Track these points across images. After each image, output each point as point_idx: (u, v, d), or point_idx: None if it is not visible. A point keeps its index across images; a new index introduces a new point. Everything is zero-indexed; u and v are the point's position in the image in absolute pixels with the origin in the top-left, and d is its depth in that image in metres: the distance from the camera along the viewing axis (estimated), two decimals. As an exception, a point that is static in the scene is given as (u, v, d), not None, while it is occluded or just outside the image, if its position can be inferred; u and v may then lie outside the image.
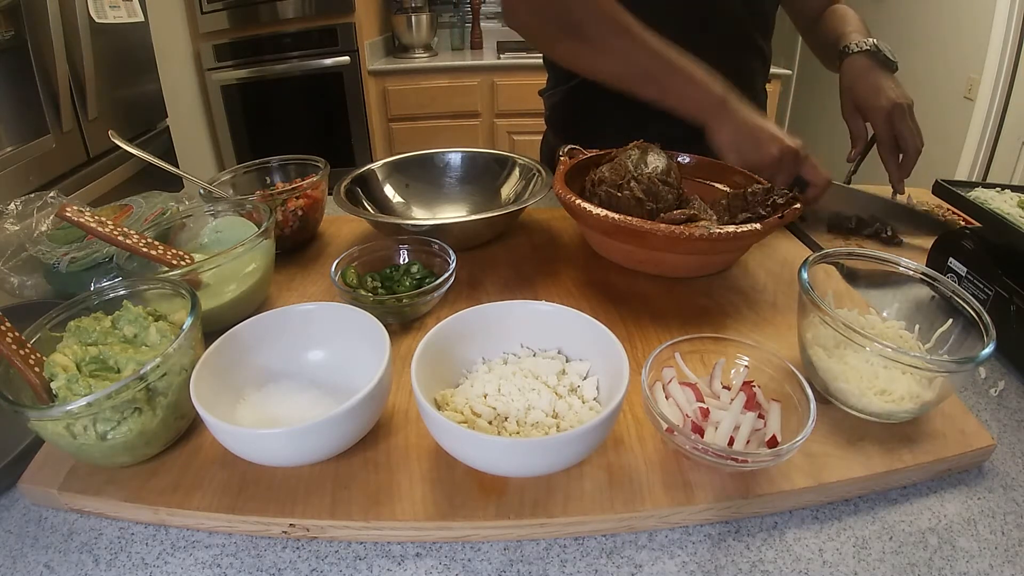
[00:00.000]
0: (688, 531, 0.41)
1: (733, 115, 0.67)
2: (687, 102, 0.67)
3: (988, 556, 0.39)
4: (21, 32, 1.33)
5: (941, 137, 2.48)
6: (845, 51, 0.83)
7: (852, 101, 0.82)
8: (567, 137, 0.90)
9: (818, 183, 0.68)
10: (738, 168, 0.71)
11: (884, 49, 0.81)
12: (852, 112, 0.82)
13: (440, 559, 0.40)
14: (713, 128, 0.68)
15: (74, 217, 0.53)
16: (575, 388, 0.47)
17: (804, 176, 0.68)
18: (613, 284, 0.68)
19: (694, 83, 0.67)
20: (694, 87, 0.67)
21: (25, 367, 0.42)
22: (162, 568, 0.39)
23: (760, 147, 0.66)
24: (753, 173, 0.70)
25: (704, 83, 0.67)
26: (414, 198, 0.87)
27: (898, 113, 0.77)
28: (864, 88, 0.80)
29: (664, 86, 0.68)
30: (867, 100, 0.79)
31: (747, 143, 0.67)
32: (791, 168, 0.67)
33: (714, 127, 0.67)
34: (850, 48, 0.82)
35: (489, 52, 2.83)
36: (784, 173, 0.67)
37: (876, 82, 0.79)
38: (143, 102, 1.93)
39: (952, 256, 0.64)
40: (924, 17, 2.55)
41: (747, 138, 0.66)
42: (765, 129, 0.67)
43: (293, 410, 0.46)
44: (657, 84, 0.68)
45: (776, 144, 0.66)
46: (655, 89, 0.68)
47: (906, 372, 0.45)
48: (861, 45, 0.82)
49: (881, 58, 0.81)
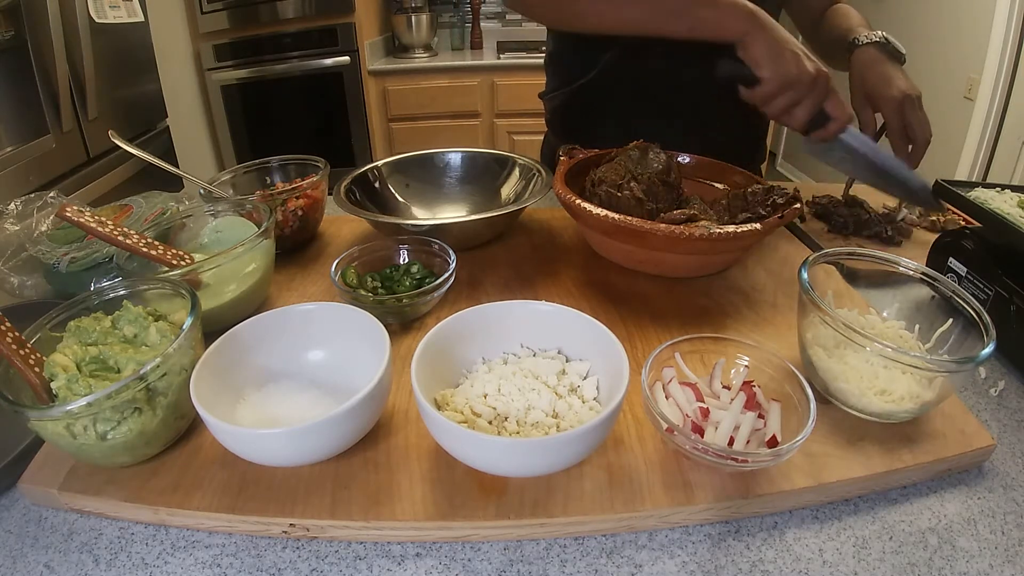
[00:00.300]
0: (688, 531, 0.41)
1: (768, 28, 0.65)
2: (718, 25, 0.66)
3: (988, 556, 0.39)
4: (21, 32, 1.33)
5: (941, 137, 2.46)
6: (855, 43, 0.83)
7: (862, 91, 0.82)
8: (568, 139, 0.90)
9: (841, 117, 0.67)
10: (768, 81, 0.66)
11: (893, 41, 0.82)
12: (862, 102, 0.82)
13: (440, 559, 0.40)
14: (747, 42, 0.65)
15: (74, 217, 0.53)
16: (575, 388, 0.47)
17: (827, 108, 0.67)
18: (613, 284, 0.68)
19: (719, 4, 0.66)
20: (722, 8, 0.66)
21: (25, 367, 0.42)
22: (162, 568, 0.39)
23: (799, 62, 0.64)
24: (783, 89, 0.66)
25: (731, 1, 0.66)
26: (414, 198, 0.87)
27: (909, 103, 0.77)
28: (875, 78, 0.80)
29: (692, 17, 0.67)
30: (878, 90, 0.79)
31: (785, 55, 0.65)
32: (821, 93, 0.66)
33: (748, 40, 0.65)
34: (860, 40, 0.83)
35: (489, 52, 2.83)
36: (814, 96, 0.66)
37: (886, 73, 0.79)
38: (143, 102, 1.93)
39: (952, 256, 0.64)
40: (924, 17, 2.55)
41: (785, 51, 0.65)
42: (802, 48, 0.65)
43: (293, 410, 0.46)
44: (684, 18, 0.67)
45: (812, 63, 0.65)
46: (684, 24, 0.67)
47: (906, 372, 0.45)
48: (871, 37, 0.82)
49: (891, 50, 0.81)
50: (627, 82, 0.89)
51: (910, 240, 0.81)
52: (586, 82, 0.93)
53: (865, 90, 0.81)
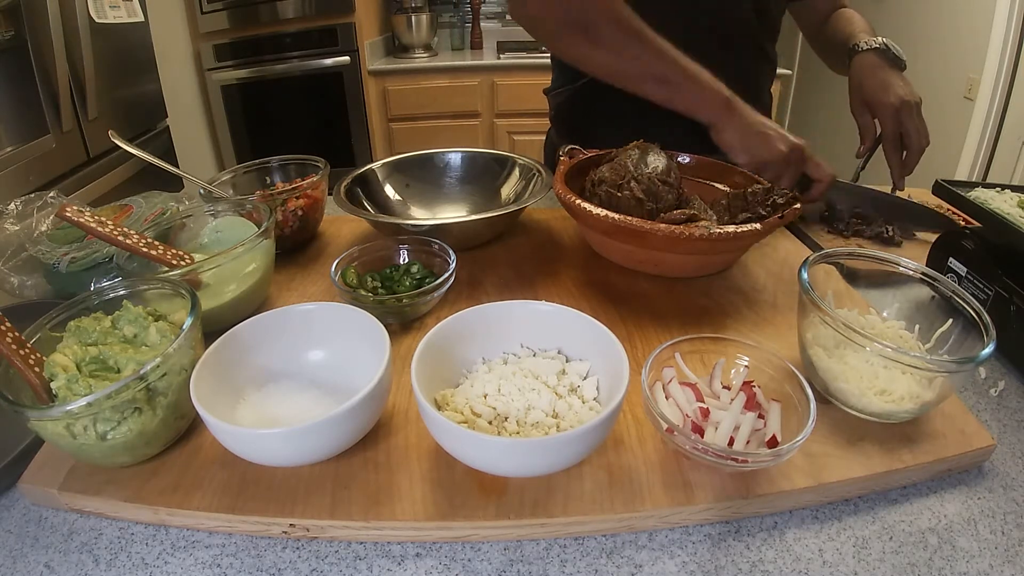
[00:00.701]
0: (688, 531, 0.41)
1: (740, 115, 0.69)
2: (696, 103, 0.69)
3: (988, 556, 0.39)
4: (21, 32, 1.33)
5: (941, 137, 2.47)
6: (855, 49, 0.84)
7: (861, 97, 0.83)
8: (572, 136, 0.90)
9: (823, 179, 0.69)
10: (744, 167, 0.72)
11: (893, 48, 0.82)
12: (861, 108, 0.83)
13: (440, 559, 0.40)
14: (720, 128, 0.69)
15: (74, 217, 0.53)
16: (575, 388, 0.47)
17: (809, 173, 0.70)
18: (613, 284, 0.68)
19: (702, 86, 0.69)
20: (702, 90, 0.69)
21: (25, 367, 0.42)
22: (162, 568, 0.39)
23: (769, 144, 0.68)
24: (760, 170, 0.70)
25: (711, 86, 0.69)
26: (414, 198, 0.87)
27: (906, 110, 0.78)
28: (874, 84, 0.81)
29: (673, 89, 0.70)
30: (876, 96, 0.80)
31: (756, 141, 0.68)
32: (798, 165, 0.69)
33: (721, 127, 0.69)
34: (860, 46, 0.84)
35: (489, 52, 2.83)
36: (792, 170, 0.69)
37: (886, 79, 0.80)
38: (143, 102, 1.93)
39: (952, 256, 0.64)
40: (924, 17, 2.55)
41: (755, 136, 0.68)
42: (772, 128, 0.68)
43: (293, 410, 0.46)
44: (667, 87, 0.70)
45: (784, 141, 0.67)
46: (664, 92, 0.70)
47: (906, 372, 0.45)
48: (871, 43, 0.83)
49: (891, 56, 0.82)
50: None
51: (910, 240, 0.81)
52: (591, 79, 0.93)
53: (864, 96, 0.82)
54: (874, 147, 0.84)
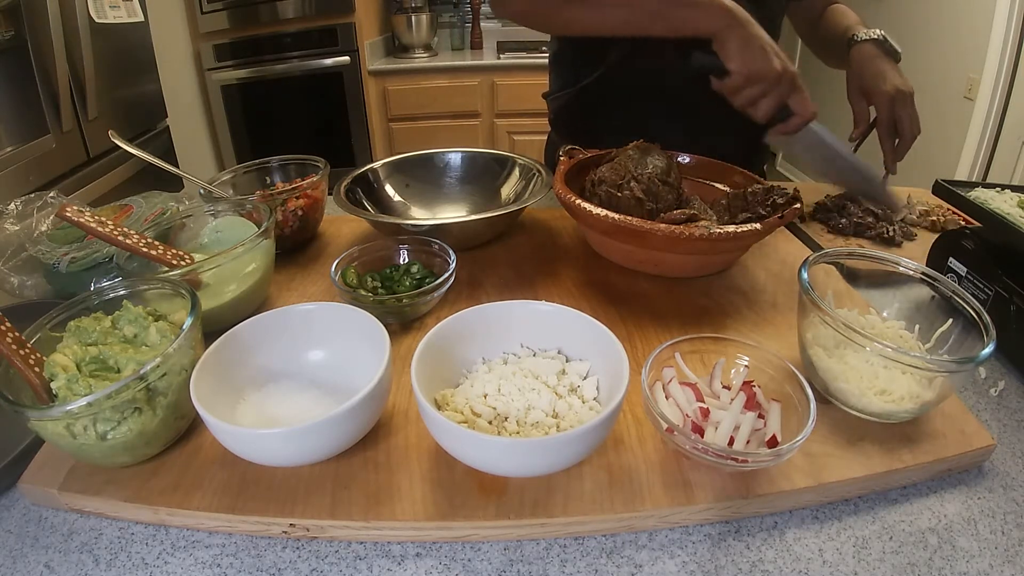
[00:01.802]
0: (688, 531, 0.41)
1: (742, 24, 0.68)
2: (696, 22, 0.69)
3: (988, 556, 0.39)
4: (21, 32, 1.33)
5: (941, 137, 2.48)
6: (854, 40, 0.86)
7: (858, 85, 0.85)
8: (572, 139, 0.91)
9: (803, 113, 0.70)
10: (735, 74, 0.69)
11: (890, 40, 0.85)
12: (857, 95, 0.85)
13: (440, 559, 0.40)
14: (723, 37, 0.68)
15: (74, 217, 0.53)
16: (575, 388, 0.47)
17: (792, 105, 0.70)
18: (613, 284, 0.68)
19: (699, 2, 0.68)
20: (699, 5, 0.69)
21: (25, 367, 0.42)
22: (162, 568, 0.39)
23: (767, 57, 0.67)
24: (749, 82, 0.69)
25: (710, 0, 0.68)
26: (414, 198, 0.87)
27: (900, 99, 0.80)
28: (870, 73, 0.83)
29: (671, 17, 0.70)
30: (873, 84, 0.82)
31: (754, 51, 0.68)
32: (786, 89, 0.69)
33: (724, 36, 0.68)
34: (858, 37, 0.86)
35: (489, 52, 2.83)
36: (779, 91, 0.69)
37: (882, 68, 0.82)
38: (143, 102, 1.93)
39: (952, 256, 0.64)
40: (924, 17, 2.55)
41: (755, 47, 0.68)
42: (772, 46, 0.68)
43: (293, 410, 0.46)
44: (663, 18, 0.70)
45: (780, 60, 0.67)
46: (663, 24, 0.70)
47: (906, 372, 0.45)
48: (869, 34, 0.85)
49: (887, 48, 0.84)
50: (630, 83, 0.90)
51: (910, 240, 0.81)
52: (590, 83, 0.94)
53: (861, 84, 0.84)
54: (867, 132, 0.86)
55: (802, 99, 0.70)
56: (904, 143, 0.82)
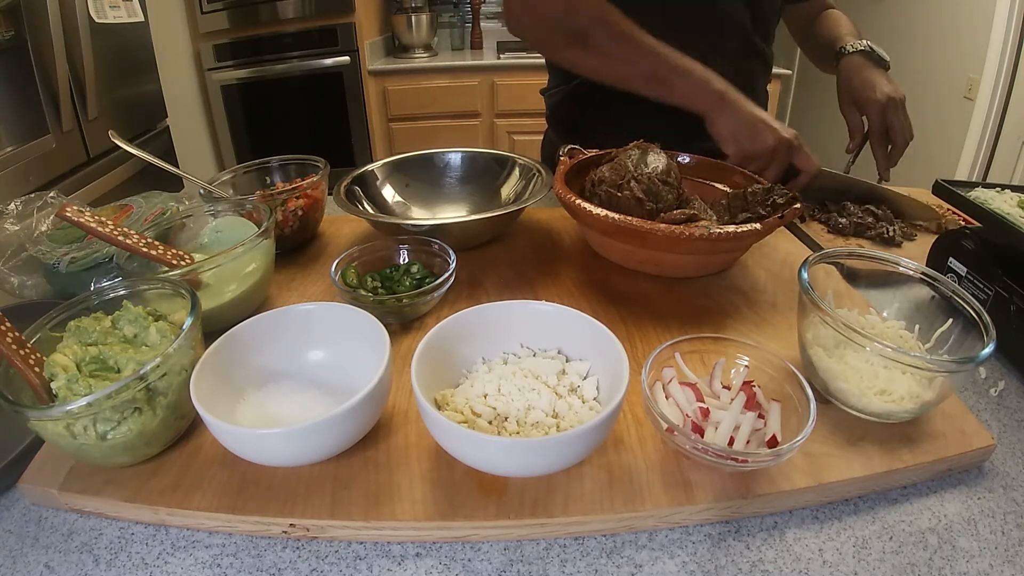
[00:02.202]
0: (688, 531, 0.41)
1: (732, 106, 0.71)
2: (689, 98, 0.72)
3: (988, 556, 0.39)
4: (21, 32, 1.33)
5: (941, 137, 2.48)
6: (842, 52, 0.89)
7: (849, 95, 0.87)
8: (568, 136, 0.91)
9: (809, 170, 0.72)
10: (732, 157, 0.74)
11: (877, 50, 0.87)
12: (849, 106, 0.87)
13: (440, 559, 0.40)
14: (713, 119, 0.72)
15: (74, 217, 0.53)
16: (575, 388, 0.47)
17: (796, 164, 0.72)
18: (613, 284, 0.68)
19: (695, 80, 0.71)
20: (695, 84, 0.71)
21: (25, 367, 0.42)
22: (162, 568, 0.39)
23: (757, 136, 0.70)
24: (747, 161, 0.73)
25: (704, 79, 0.71)
26: (414, 198, 0.87)
27: (892, 106, 0.82)
28: (860, 83, 0.85)
29: (668, 85, 0.72)
30: (863, 93, 0.84)
31: (745, 132, 0.71)
32: (785, 156, 0.71)
33: (714, 118, 0.71)
34: (846, 49, 0.88)
35: (489, 52, 2.83)
36: (779, 161, 0.71)
37: (872, 78, 0.84)
38: (143, 102, 1.93)
39: (952, 256, 0.64)
40: (924, 17, 2.55)
41: (745, 128, 0.71)
42: (762, 120, 0.71)
43: (293, 410, 0.46)
44: (661, 84, 0.72)
45: (772, 134, 0.70)
46: (659, 89, 0.73)
47: (906, 372, 0.45)
48: (856, 46, 0.88)
49: (875, 57, 0.87)
50: None
51: (910, 240, 0.81)
52: (585, 79, 0.94)
53: (851, 95, 0.86)
54: (862, 143, 0.88)
55: (804, 158, 0.72)
56: (897, 150, 0.84)
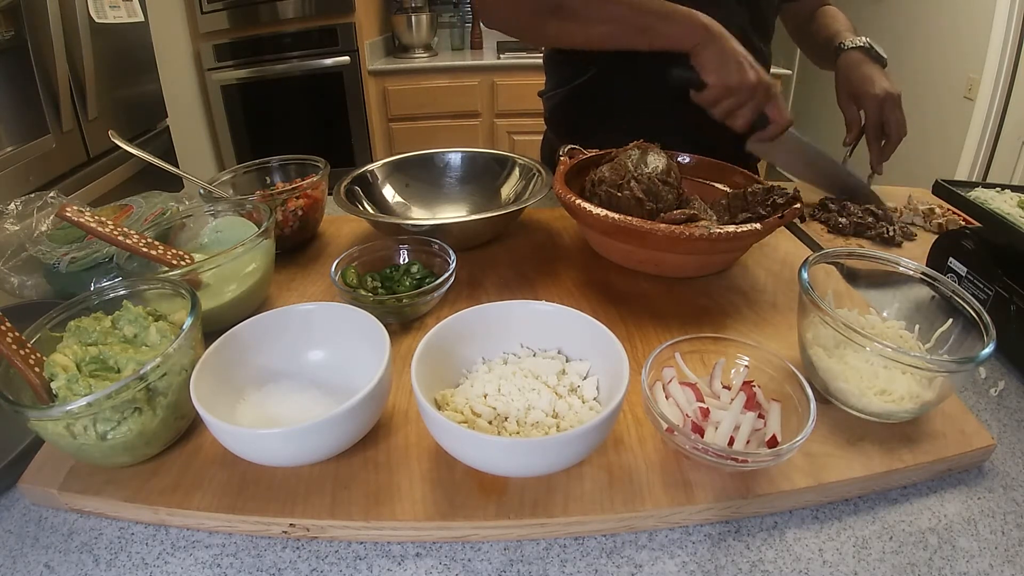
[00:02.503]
0: (688, 531, 0.41)
1: (718, 39, 0.71)
2: (675, 38, 0.72)
3: (988, 556, 0.39)
4: (21, 32, 1.33)
5: (941, 137, 2.48)
6: (840, 48, 0.90)
7: (847, 90, 0.88)
8: (567, 137, 0.91)
9: (780, 121, 0.73)
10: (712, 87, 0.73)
11: (875, 47, 0.88)
12: (847, 100, 0.88)
13: (440, 559, 0.40)
14: (699, 50, 0.71)
15: (74, 217, 0.53)
16: (575, 388, 0.47)
17: (768, 113, 0.73)
18: (613, 284, 0.68)
19: (678, 19, 0.71)
20: (679, 22, 0.71)
21: (25, 367, 0.42)
22: (162, 568, 0.39)
23: (742, 70, 0.70)
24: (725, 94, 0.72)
25: (688, 15, 0.71)
26: (414, 198, 0.87)
27: (889, 102, 0.83)
28: (859, 78, 0.86)
29: (652, 31, 0.72)
30: (862, 88, 0.85)
31: (730, 64, 0.71)
32: (762, 98, 0.72)
33: (699, 49, 0.71)
34: (845, 45, 0.89)
35: (489, 52, 2.83)
36: (755, 101, 0.71)
37: (870, 73, 0.86)
38: (143, 102, 1.93)
39: (952, 256, 0.64)
40: (924, 17, 2.55)
41: (730, 60, 0.71)
42: (747, 57, 0.71)
43: (293, 410, 0.46)
44: (645, 32, 0.73)
45: (755, 72, 0.70)
46: (644, 38, 0.73)
47: (906, 372, 0.45)
48: (855, 42, 0.89)
49: (874, 54, 0.88)
50: (625, 81, 0.90)
51: (910, 240, 0.81)
52: (584, 81, 0.94)
53: (850, 89, 0.87)
54: (859, 136, 0.89)
55: (778, 108, 0.73)
56: (891, 144, 0.85)
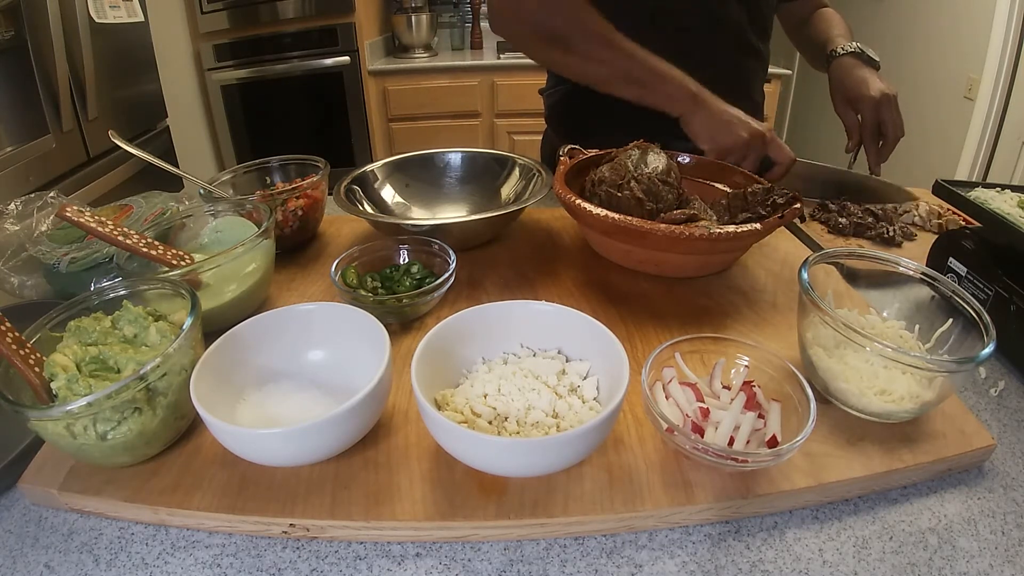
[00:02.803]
0: (688, 531, 0.41)
1: (705, 105, 0.73)
2: (666, 99, 0.74)
3: (988, 556, 0.39)
4: (21, 32, 1.33)
5: (941, 137, 2.48)
6: (833, 54, 0.91)
7: (843, 94, 0.89)
8: (567, 135, 0.92)
9: (783, 161, 0.75)
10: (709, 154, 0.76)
11: (867, 51, 0.90)
12: (844, 105, 0.89)
13: (440, 559, 0.40)
14: (688, 119, 0.74)
15: (74, 217, 0.53)
16: (575, 388, 0.47)
17: (771, 156, 0.75)
18: (613, 284, 0.68)
19: (670, 81, 0.73)
20: (670, 85, 0.74)
21: (25, 367, 0.42)
22: (162, 568, 0.39)
23: (731, 131, 0.72)
24: (723, 156, 0.75)
25: (679, 80, 0.73)
26: (414, 198, 0.87)
27: (886, 103, 0.84)
28: (853, 81, 0.87)
29: (645, 87, 0.74)
30: (857, 91, 0.86)
31: (719, 128, 0.73)
32: (759, 149, 0.74)
33: (688, 117, 0.74)
34: (837, 51, 0.91)
35: (489, 52, 2.83)
36: (754, 153, 0.74)
37: (864, 76, 0.87)
38: (143, 102, 1.93)
39: (952, 256, 0.64)
40: (924, 17, 2.55)
41: (719, 124, 0.73)
42: (735, 115, 0.73)
43: (293, 410, 0.46)
44: (637, 85, 0.75)
45: (744, 127, 0.72)
46: (635, 90, 0.75)
47: (906, 372, 0.45)
48: (847, 48, 0.90)
49: (866, 58, 0.89)
50: None
51: (910, 240, 0.81)
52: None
53: (845, 95, 0.88)
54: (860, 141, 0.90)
55: (778, 148, 0.74)
56: (888, 145, 0.86)
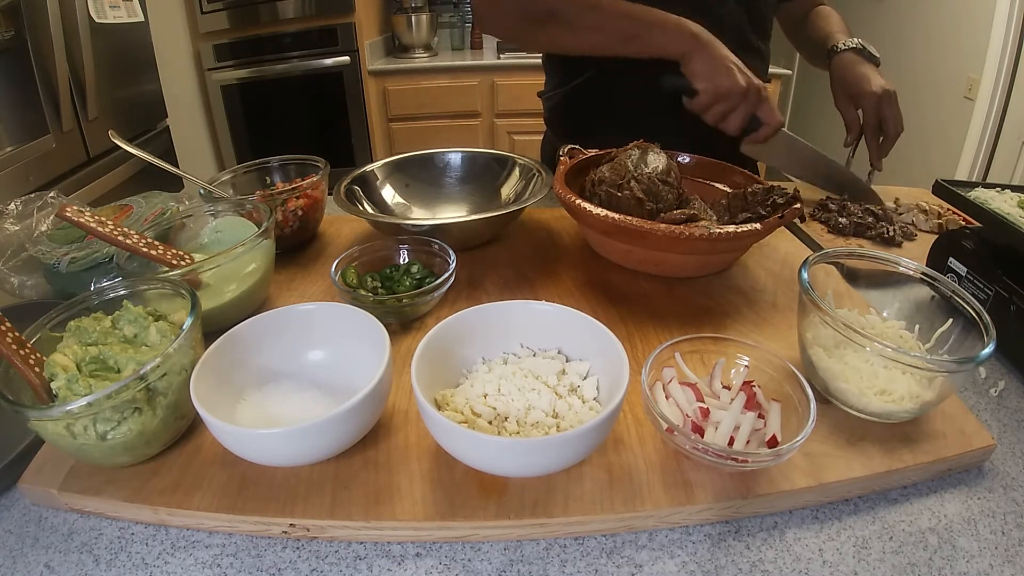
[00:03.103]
0: (688, 531, 0.41)
1: (707, 46, 0.72)
2: (665, 46, 0.73)
3: (988, 556, 0.39)
4: (21, 32, 1.33)
5: (941, 137, 2.48)
6: (834, 50, 0.91)
7: (844, 90, 0.89)
8: (567, 137, 0.92)
9: (771, 123, 0.75)
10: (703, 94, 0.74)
11: (868, 47, 0.90)
12: (844, 100, 0.89)
13: (440, 559, 0.40)
14: (689, 58, 0.73)
15: (74, 217, 0.53)
16: (575, 388, 0.47)
17: (760, 115, 0.74)
18: (613, 284, 0.68)
19: (668, 28, 0.73)
20: (669, 31, 0.73)
21: (25, 367, 0.42)
22: (162, 568, 0.39)
23: (731, 75, 0.71)
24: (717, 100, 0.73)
25: (676, 24, 0.73)
26: (414, 198, 0.87)
27: (886, 99, 0.84)
28: (855, 77, 0.87)
29: (642, 40, 0.74)
30: (858, 87, 0.86)
31: (720, 71, 0.72)
32: (753, 102, 0.73)
33: (689, 57, 0.73)
34: (838, 47, 0.91)
35: (489, 52, 2.83)
36: (746, 104, 0.73)
37: (865, 72, 0.87)
38: (143, 102, 1.93)
39: (952, 256, 0.64)
40: (924, 17, 2.55)
41: (720, 66, 0.72)
42: (737, 62, 0.72)
43: (293, 410, 0.46)
44: (635, 41, 0.74)
45: (745, 76, 0.72)
46: (635, 46, 0.74)
47: (906, 372, 0.45)
48: (848, 44, 0.90)
49: (866, 54, 0.89)
50: (624, 81, 0.90)
51: (910, 240, 0.81)
52: (583, 81, 0.94)
53: (846, 90, 0.88)
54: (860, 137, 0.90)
55: (769, 109, 0.74)
56: (889, 140, 0.86)
